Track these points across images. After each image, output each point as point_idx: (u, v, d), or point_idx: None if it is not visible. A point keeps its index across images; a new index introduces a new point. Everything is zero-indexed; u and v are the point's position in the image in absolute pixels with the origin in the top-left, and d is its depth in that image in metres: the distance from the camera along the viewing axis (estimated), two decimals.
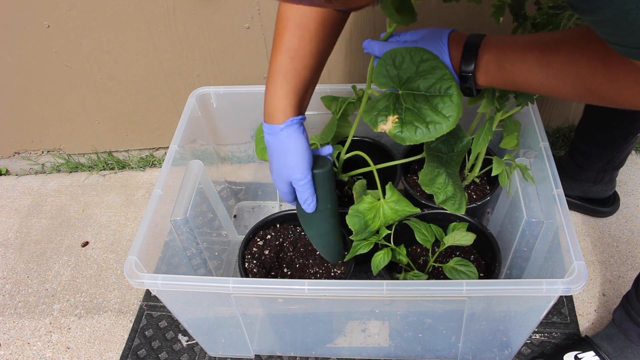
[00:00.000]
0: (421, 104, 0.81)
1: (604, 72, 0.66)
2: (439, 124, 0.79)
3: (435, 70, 0.80)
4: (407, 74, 0.82)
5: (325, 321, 1.04)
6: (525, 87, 0.76)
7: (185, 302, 1.00)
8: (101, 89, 1.47)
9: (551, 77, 0.71)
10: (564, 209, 0.92)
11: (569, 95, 0.72)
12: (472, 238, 1.01)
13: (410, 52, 0.81)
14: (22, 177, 1.70)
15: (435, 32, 0.82)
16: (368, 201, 0.98)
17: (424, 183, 0.98)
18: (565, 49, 0.70)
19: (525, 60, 0.73)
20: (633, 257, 1.29)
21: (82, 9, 1.29)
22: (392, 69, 0.82)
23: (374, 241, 1.00)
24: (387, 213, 0.99)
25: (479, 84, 0.79)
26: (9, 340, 1.26)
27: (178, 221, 1.03)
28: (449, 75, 0.79)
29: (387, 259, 0.99)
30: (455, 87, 0.79)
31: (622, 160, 1.27)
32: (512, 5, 0.92)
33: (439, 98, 0.80)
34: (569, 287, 0.81)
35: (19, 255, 1.46)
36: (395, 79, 0.83)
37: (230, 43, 1.36)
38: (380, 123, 0.83)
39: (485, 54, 0.76)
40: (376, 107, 0.85)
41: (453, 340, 1.05)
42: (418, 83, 0.81)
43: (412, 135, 0.80)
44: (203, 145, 1.29)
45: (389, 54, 0.83)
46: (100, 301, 1.32)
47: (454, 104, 0.79)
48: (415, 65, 0.81)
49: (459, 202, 1.01)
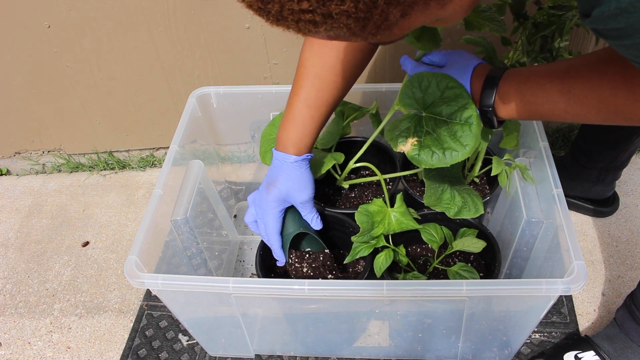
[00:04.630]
0: (441, 129, 0.83)
1: (628, 92, 0.67)
2: (456, 151, 0.81)
3: (459, 99, 0.81)
4: (432, 98, 0.84)
5: (326, 321, 1.05)
6: (549, 116, 0.77)
7: (186, 301, 1.00)
8: (101, 89, 1.47)
9: (574, 103, 0.72)
10: (564, 208, 0.92)
11: (594, 119, 0.73)
12: (482, 245, 1.00)
13: (437, 78, 0.83)
14: (22, 177, 1.70)
15: (463, 61, 0.84)
16: (378, 204, 0.99)
17: (431, 204, 0.97)
18: (585, 74, 0.71)
19: (546, 90, 0.74)
20: (633, 257, 1.29)
21: (82, 9, 1.29)
22: (418, 91, 0.84)
23: (374, 245, 1.00)
24: (392, 222, 1.00)
25: (500, 116, 0.81)
26: (9, 340, 1.26)
27: (178, 221, 1.03)
28: (471, 105, 0.81)
29: (389, 260, 0.99)
30: (475, 117, 0.80)
31: (625, 160, 1.27)
32: (513, 5, 0.92)
33: (458, 126, 0.81)
34: (568, 287, 0.81)
35: (19, 255, 1.46)
36: (420, 102, 0.85)
37: (230, 43, 1.36)
38: (400, 144, 0.85)
39: (505, 88, 0.78)
40: (398, 127, 0.86)
41: (453, 340, 1.05)
42: (441, 108, 0.83)
43: (429, 160, 0.82)
44: (203, 145, 1.29)
45: (416, 77, 0.85)
46: (101, 301, 1.32)
47: (472, 134, 0.80)
48: (440, 91, 0.83)
49: (474, 206, 0.99)
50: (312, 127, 0.94)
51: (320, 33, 0.44)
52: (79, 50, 1.38)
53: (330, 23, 0.42)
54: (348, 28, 0.43)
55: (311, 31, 0.43)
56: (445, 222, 1.08)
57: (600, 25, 0.52)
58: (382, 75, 1.44)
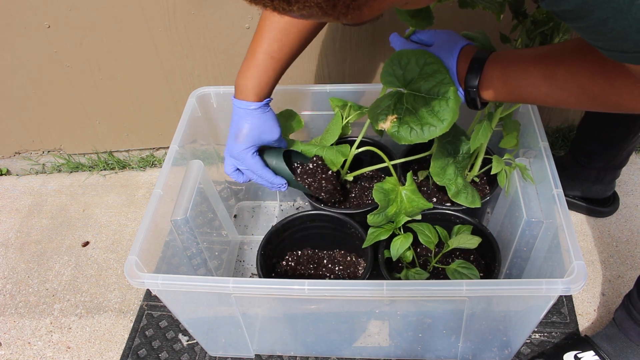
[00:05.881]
0: (420, 105, 0.84)
1: (605, 78, 0.68)
2: (433, 126, 0.82)
3: (437, 74, 0.82)
4: (411, 75, 0.85)
5: (326, 321, 1.05)
6: (532, 99, 0.78)
7: (186, 301, 1.00)
8: (101, 89, 1.47)
9: (556, 88, 0.73)
10: (564, 208, 0.92)
11: (575, 104, 0.74)
12: (477, 241, 1.01)
13: (416, 54, 0.84)
14: (22, 177, 1.70)
15: (450, 41, 0.85)
16: (391, 182, 1.01)
17: (435, 172, 1.00)
18: (567, 59, 0.72)
19: (529, 74, 0.75)
20: (632, 256, 1.29)
21: (82, 10, 1.29)
22: (398, 69, 0.86)
23: (391, 228, 1.02)
24: (405, 200, 1.01)
25: (484, 98, 0.82)
26: (9, 340, 1.26)
27: (178, 221, 1.03)
28: (449, 80, 0.82)
29: (406, 243, 1.01)
30: (453, 91, 0.81)
31: (623, 159, 1.27)
32: (512, 3, 0.92)
33: (436, 101, 0.82)
34: (568, 287, 0.81)
35: (19, 255, 1.46)
36: (400, 79, 0.86)
37: (230, 43, 1.36)
38: (380, 121, 0.86)
39: (490, 70, 0.79)
40: (380, 106, 0.88)
41: (453, 340, 1.05)
42: (420, 84, 0.84)
43: (407, 136, 0.84)
44: (203, 145, 1.29)
45: (396, 54, 0.86)
46: (101, 301, 1.32)
47: (450, 108, 0.81)
48: (419, 67, 0.84)
49: (472, 195, 1.02)
50: (274, 76, 0.97)
51: (294, 12, 0.46)
52: (79, 50, 1.38)
53: (302, 2, 0.44)
54: (319, 7, 0.45)
55: (285, 9, 0.46)
56: (443, 222, 1.09)
57: (554, 7, 0.52)
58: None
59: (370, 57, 1.38)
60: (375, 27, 1.32)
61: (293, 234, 1.17)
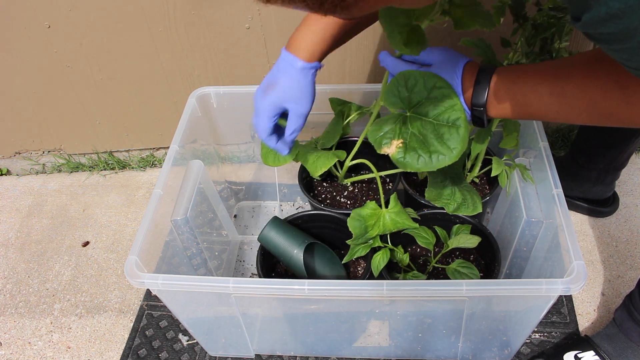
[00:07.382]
0: (427, 131, 0.80)
1: (620, 95, 0.66)
2: (443, 155, 0.78)
3: (446, 99, 0.78)
4: (418, 98, 0.81)
5: (326, 321, 1.05)
6: (540, 117, 0.75)
7: (186, 301, 1.00)
8: (101, 89, 1.48)
9: (565, 105, 0.71)
10: (564, 208, 0.92)
11: (586, 120, 0.72)
12: (476, 241, 1.01)
13: (424, 77, 0.80)
14: (22, 177, 1.70)
15: (451, 59, 0.81)
16: (371, 207, 0.99)
17: (432, 199, 0.97)
18: (577, 75, 0.70)
19: (537, 91, 0.73)
20: (632, 256, 1.30)
21: (82, 10, 1.29)
22: (404, 90, 0.81)
23: (371, 245, 1.01)
24: (387, 223, 0.99)
25: (490, 115, 0.79)
26: (9, 340, 1.27)
27: (178, 221, 1.03)
28: (459, 107, 0.78)
29: (385, 259, 0.99)
30: (463, 119, 0.78)
31: (624, 160, 1.27)
32: (513, 6, 0.92)
33: (446, 128, 0.79)
34: (568, 287, 0.81)
35: (19, 255, 1.46)
36: (405, 101, 0.82)
37: (230, 43, 1.36)
38: (384, 146, 0.82)
39: (496, 88, 0.76)
40: (382, 129, 0.83)
41: (453, 340, 1.05)
42: (427, 109, 0.80)
43: (414, 163, 0.79)
44: (203, 145, 1.29)
45: (402, 75, 0.82)
46: (101, 301, 1.32)
47: (460, 137, 0.78)
48: (427, 91, 0.80)
49: (472, 204, 0.99)
50: (333, 34, 0.88)
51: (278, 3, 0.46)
52: (79, 50, 1.38)
53: None
54: (305, 4, 0.44)
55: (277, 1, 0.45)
56: (443, 222, 1.09)
57: (590, 30, 0.51)
58: (382, 75, 1.44)
59: (371, 58, 1.38)
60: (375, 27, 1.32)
61: None
